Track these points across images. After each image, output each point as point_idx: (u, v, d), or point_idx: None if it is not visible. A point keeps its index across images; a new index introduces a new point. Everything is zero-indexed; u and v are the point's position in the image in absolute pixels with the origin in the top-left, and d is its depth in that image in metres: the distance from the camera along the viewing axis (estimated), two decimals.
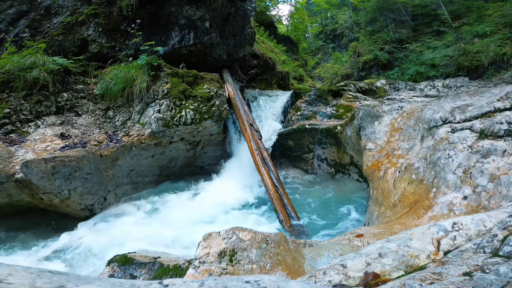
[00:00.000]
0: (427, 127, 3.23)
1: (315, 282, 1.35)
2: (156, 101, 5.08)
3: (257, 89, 7.75)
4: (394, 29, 15.21)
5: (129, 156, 4.79)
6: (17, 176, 3.64)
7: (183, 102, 5.16)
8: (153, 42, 5.41)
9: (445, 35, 12.88)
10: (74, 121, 4.71)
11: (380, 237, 2.08)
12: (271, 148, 5.86)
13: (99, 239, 3.72)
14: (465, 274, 1.04)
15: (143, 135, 4.88)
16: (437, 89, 8.09)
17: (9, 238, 3.83)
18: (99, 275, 2.72)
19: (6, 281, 0.43)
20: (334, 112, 6.23)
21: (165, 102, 5.05)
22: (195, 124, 5.15)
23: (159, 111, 4.99)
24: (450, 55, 10.97)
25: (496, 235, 1.25)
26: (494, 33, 10.67)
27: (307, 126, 5.82)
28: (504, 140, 2.50)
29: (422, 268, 1.29)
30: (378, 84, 8.22)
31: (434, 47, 12.52)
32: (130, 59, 5.37)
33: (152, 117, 4.93)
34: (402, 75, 12.42)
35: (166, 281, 0.50)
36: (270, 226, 4.01)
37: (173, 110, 5.06)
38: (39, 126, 4.44)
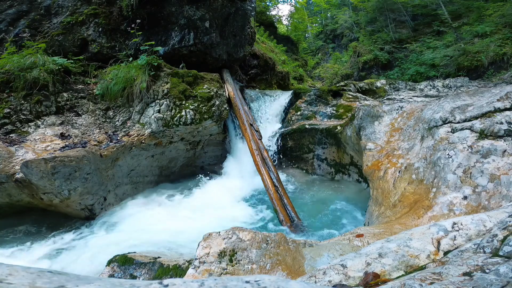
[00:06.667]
0: (427, 127, 3.23)
1: (315, 282, 1.35)
2: (156, 101, 5.08)
3: (257, 89, 7.75)
4: (394, 29, 15.22)
5: (129, 156, 4.79)
6: (17, 176, 3.63)
7: (183, 102, 5.16)
8: (153, 42, 5.41)
9: (445, 35, 12.90)
10: (74, 121, 4.71)
11: (380, 237, 2.07)
12: (275, 149, 5.86)
13: (99, 238, 3.72)
14: (465, 274, 1.04)
15: (143, 135, 4.88)
16: (437, 89, 8.10)
17: (8, 238, 3.83)
18: (99, 275, 2.71)
19: (6, 281, 0.43)
20: (334, 112, 6.23)
21: (165, 102, 5.05)
22: (195, 124, 5.15)
23: (159, 111, 4.99)
24: (450, 55, 10.98)
25: (496, 235, 1.25)
26: (494, 33, 10.68)
27: (307, 126, 5.82)
28: (504, 140, 2.50)
29: (422, 268, 1.29)
30: (378, 84, 8.23)
31: (434, 47, 12.54)
32: (130, 59, 5.37)
33: (152, 117, 4.93)
34: (402, 75, 12.43)
35: (166, 281, 0.50)
36: (270, 226, 4.01)
37: (173, 110, 5.06)
38: (39, 126, 4.44)
